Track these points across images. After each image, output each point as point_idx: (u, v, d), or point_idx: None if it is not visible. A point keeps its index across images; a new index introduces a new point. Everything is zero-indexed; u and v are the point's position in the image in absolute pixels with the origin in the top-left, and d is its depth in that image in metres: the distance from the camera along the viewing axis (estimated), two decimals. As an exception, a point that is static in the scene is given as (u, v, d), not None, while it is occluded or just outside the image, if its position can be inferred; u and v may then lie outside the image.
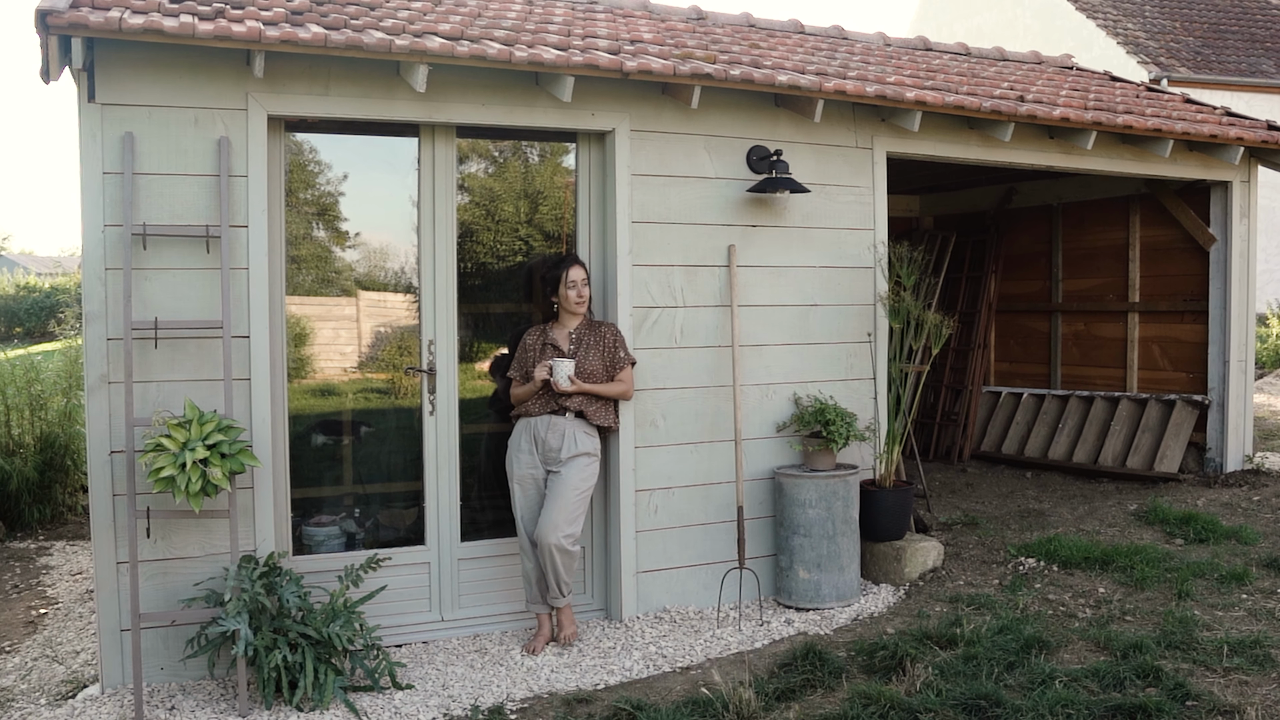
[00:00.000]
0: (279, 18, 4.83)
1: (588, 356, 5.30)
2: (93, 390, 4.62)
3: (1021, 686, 4.43)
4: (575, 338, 5.35)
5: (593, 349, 5.33)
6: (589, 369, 5.27)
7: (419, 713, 4.40)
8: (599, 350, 5.34)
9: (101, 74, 4.58)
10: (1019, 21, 18.40)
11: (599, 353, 5.34)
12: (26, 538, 7.76)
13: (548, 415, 5.28)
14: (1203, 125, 7.39)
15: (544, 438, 5.26)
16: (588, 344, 5.34)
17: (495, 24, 5.69)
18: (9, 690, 4.75)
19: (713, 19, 7.75)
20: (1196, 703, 4.21)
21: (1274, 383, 12.00)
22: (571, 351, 5.30)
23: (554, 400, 5.27)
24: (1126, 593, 5.72)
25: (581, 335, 5.35)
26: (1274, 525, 6.80)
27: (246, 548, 4.78)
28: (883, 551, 6.15)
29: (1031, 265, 9.92)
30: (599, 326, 5.41)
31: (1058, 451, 9.16)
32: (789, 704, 4.38)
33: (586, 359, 5.29)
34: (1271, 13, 18.33)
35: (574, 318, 5.37)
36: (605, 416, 5.40)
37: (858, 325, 6.27)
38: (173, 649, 4.69)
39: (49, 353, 11.18)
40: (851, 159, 6.26)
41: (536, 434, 5.28)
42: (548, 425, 5.27)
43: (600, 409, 5.37)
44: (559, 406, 5.26)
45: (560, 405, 5.26)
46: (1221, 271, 8.17)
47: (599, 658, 5.07)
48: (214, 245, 4.73)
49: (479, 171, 5.85)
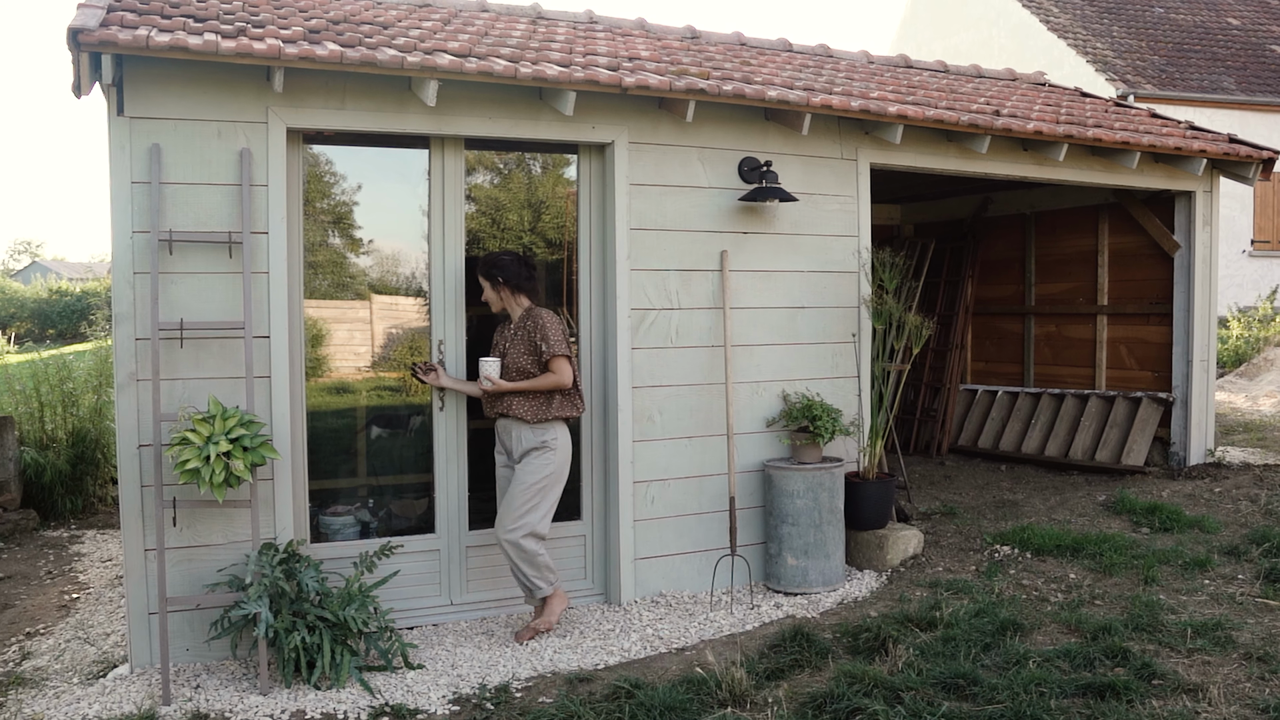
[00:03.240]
0: (298, 36, 4.83)
1: (516, 352, 5.02)
2: (122, 388, 4.61)
3: (997, 666, 4.44)
4: (510, 334, 5.10)
5: (520, 344, 5.03)
6: (518, 365, 5.00)
7: (430, 691, 4.39)
8: (525, 344, 5.02)
9: (130, 89, 4.57)
10: (994, 41, 18.41)
11: (526, 347, 5.02)
12: (59, 527, 7.76)
13: (496, 417, 5.14)
14: (1168, 138, 7.39)
15: (502, 439, 5.16)
16: (516, 340, 5.05)
17: (501, 42, 5.69)
18: (44, 670, 4.75)
19: (706, 38, 7.75)
20: (1162, 682, 4.21)
21: (1234, 381, 12.01)
22: (502, 349, 5.09)
23: (492, 402, 5.09)
24: (1096, 578, 5.72)
25: (515, 331, 5.08)
26: (1234, 515, 6.81)
27: (267, 536, 4.77)
28: (866, 539, 6.15)
29: (1006, 270, 9.92)
30: (527, 319, 5.05)
31: (1031, 446, 9.17)
32: (778, 682, 4.38)
33: (515, 355, 5.02)
34: (1232, 33, 18.35)
35: (516, 312, 5.14)
36: (542, 412, 4.99)
37: (843, 326, 6.27)
38: (198, 631, 4.69)
39: (80, 353, 11.18)
40: (837, 170, 6.26)
41: (499, 436, 5.19)
42: (503, 427, 5.13)
43: (534, 407, 4.99)
44: (499, 409, 5.07)
45: (495, 409, 5.08)
46: (1185, 276, 8.18)
47: (599, 639, 5.07)
48: (236, 251, 4.73)
49: (485, 182, 5.84)
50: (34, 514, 7.66)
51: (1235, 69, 17.03)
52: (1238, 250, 16.37)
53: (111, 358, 5.81)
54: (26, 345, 24.29)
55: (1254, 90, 16.54)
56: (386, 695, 4.34)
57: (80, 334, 28.38)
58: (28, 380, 8.50)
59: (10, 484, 7.69)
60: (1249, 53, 17.73)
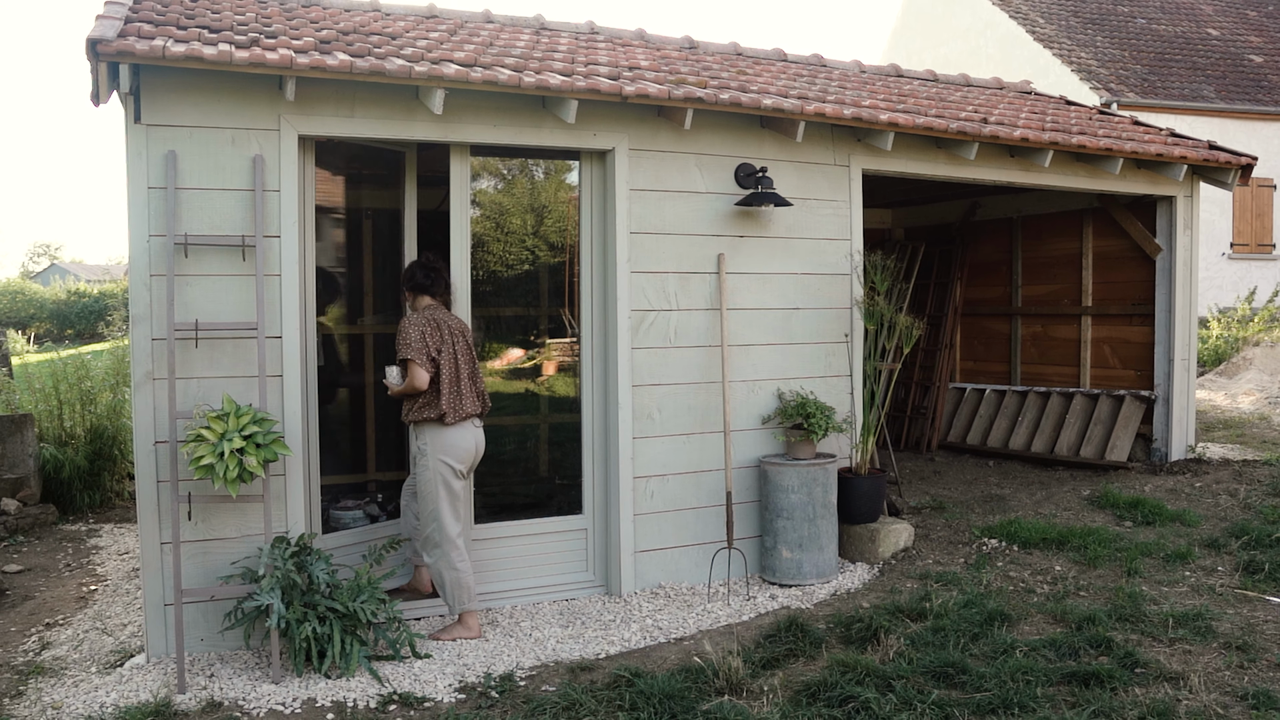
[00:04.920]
0: (309, 46, 4.83)
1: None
2: (139, 386, 4.61)
3: (985, 655, 4.44)
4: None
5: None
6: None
7: (436, 680, 4.39)
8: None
9: (147, 97, 4.57)
10: (982, 50, 18.41)
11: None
12: (78, 521, 7.75)
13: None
14: (1150, 145, 7.39)
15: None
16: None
17: (506, 52, 5.69)
18: (63, 659, 4.75)
19: (703, 48, 7.75)
20: (1145, 670, 4.22)
21: (1214, 379, 12.02)
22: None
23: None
24: (1080, 570, 5.72)
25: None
26: (1214, 509, 6.82)
27: (279, 529, 4.77)
28: (858, 533, 6.15)
29: (994, 273, 9.92)
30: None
31: (1017, 442, 9.17)
32: (774, 671, 4.38)
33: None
34: (1211, 43, 18.35)
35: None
36: (409, 414, 4.82)
37: (836, 327, 6.27)
38: (212, 622, 4.69)
39: (98, 352, 11.16)
40: (830, 175, 6.26)
41: None
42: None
43: (406, 409, 4.85)
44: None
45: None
46: (1167, 278, 8.18)
47: (600, 629, 5.07)
48: (249, 254, 4.73)
49: (489, 188, 5.84)
50: (53, 508, 7.66)
51: (1215, 78, 17.03)
52: (1217, 253, 16.38)
53: (128, 357, 5.82)
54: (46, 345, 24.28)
55: (1233, 99, 16.55)
56: (395, 684, 4.34)
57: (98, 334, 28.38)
58: (47, 379, 8.50)
59: (30, 479, 7.69)
60: (1228, 62, 17.73)
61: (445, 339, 4.79)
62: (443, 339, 4.79)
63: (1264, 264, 16.74)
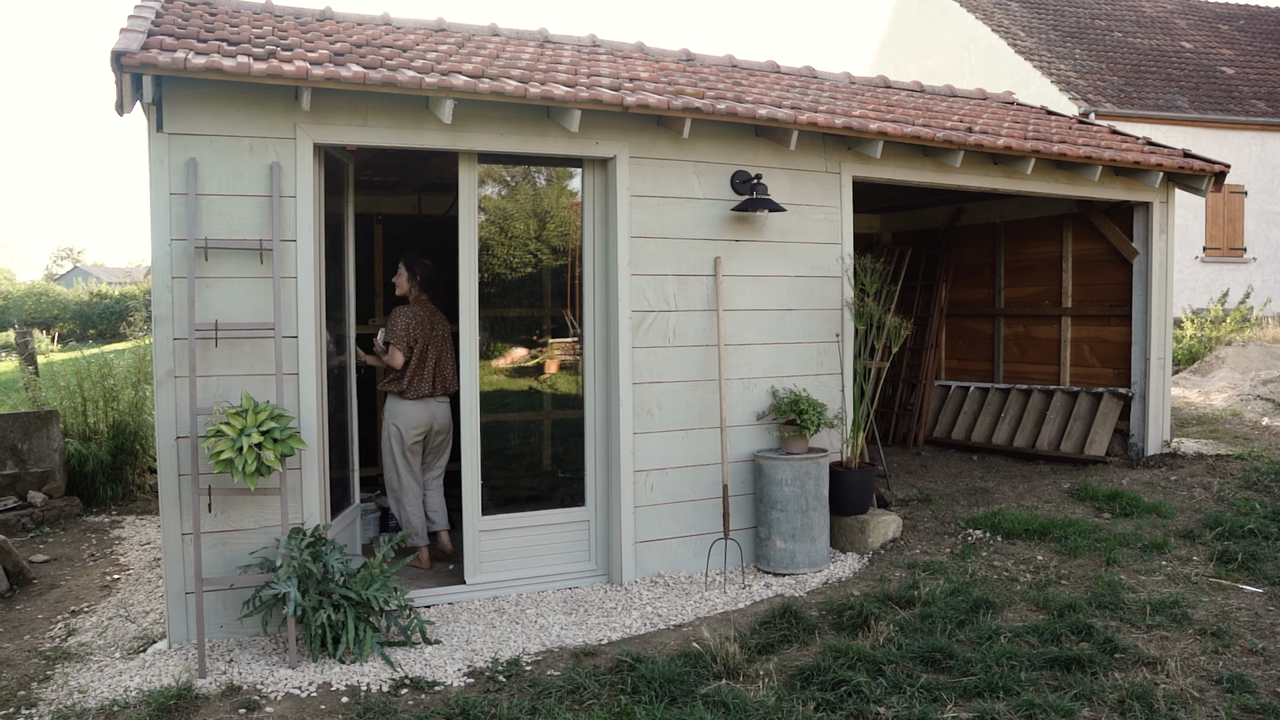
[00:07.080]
0: (324, 58, 4.82)
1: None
2: (161, 384, 4.60)
3: (971, 641, 4.44)
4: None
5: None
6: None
7: (446, 664, 4.40)
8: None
9: (169, 107, 4.56)
10: (966, 63, 18.41)
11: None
12: (101, 513, 7.75)
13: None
14: (1127, 153, 7.40)
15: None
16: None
17: (512, 64, 5.69)
18: (88, 645, 4.75)
19: (700, 60, 7.74)
20: (1123, 655, 4.23)
21: (1189, 378, 12.02)
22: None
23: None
24: (1061, 560, 5.73)
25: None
26: (1189, 501, 6.83)
27: (295, 521, 4.77)
28: (849, 524, 6.16)
29: (977, 275, 9.92)
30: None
31: (1000, 437, 9.17)
32: (769, 656, 4.39)
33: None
34: (1185, 56, 18.36)
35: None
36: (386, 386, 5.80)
37: (827, 327, 6.27)
38: (231, 609, 4.69)
39: (120, 352, 11.15)
40: (822, 182, 6.26)
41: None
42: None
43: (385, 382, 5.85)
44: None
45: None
46: (1143, 281, 8.18)
47: (602, 616, 5.07)
48: (267, 257, 4.72)
49: (494, 194, 5.83)
50: (77, 501, 7.65)
51: (1188, 89, 17.04)
52: (1191, 256, 16.39)
53: (150, 356, 5.81)
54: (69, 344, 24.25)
55: (1206, 109, 16.56)
56: (406, 668, 4.34)
57: (119, 334, 28.35)
58: (71, 377, 8.49)
59: (55, 473, 7.68)
60: (1201, 74, 17.74)
61: (425, 333, 5.72)
62: (423, 333, 5.72)
63: (1235, 267, 16.76)
